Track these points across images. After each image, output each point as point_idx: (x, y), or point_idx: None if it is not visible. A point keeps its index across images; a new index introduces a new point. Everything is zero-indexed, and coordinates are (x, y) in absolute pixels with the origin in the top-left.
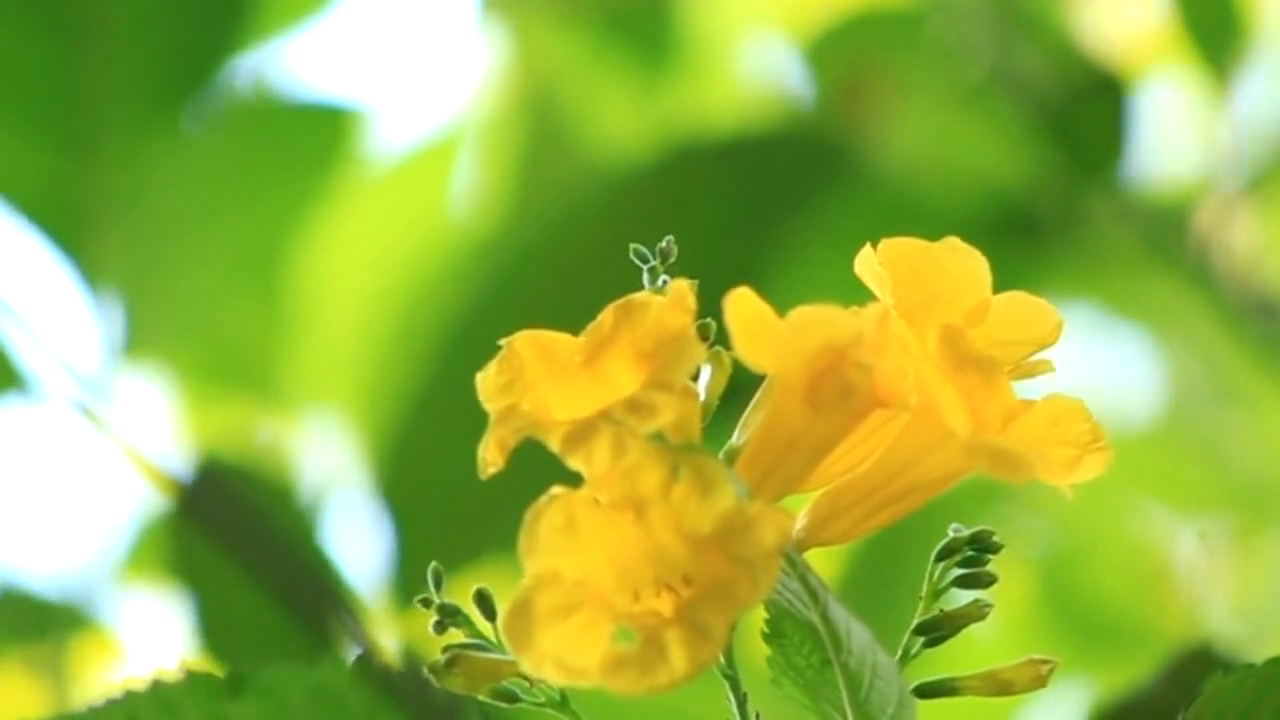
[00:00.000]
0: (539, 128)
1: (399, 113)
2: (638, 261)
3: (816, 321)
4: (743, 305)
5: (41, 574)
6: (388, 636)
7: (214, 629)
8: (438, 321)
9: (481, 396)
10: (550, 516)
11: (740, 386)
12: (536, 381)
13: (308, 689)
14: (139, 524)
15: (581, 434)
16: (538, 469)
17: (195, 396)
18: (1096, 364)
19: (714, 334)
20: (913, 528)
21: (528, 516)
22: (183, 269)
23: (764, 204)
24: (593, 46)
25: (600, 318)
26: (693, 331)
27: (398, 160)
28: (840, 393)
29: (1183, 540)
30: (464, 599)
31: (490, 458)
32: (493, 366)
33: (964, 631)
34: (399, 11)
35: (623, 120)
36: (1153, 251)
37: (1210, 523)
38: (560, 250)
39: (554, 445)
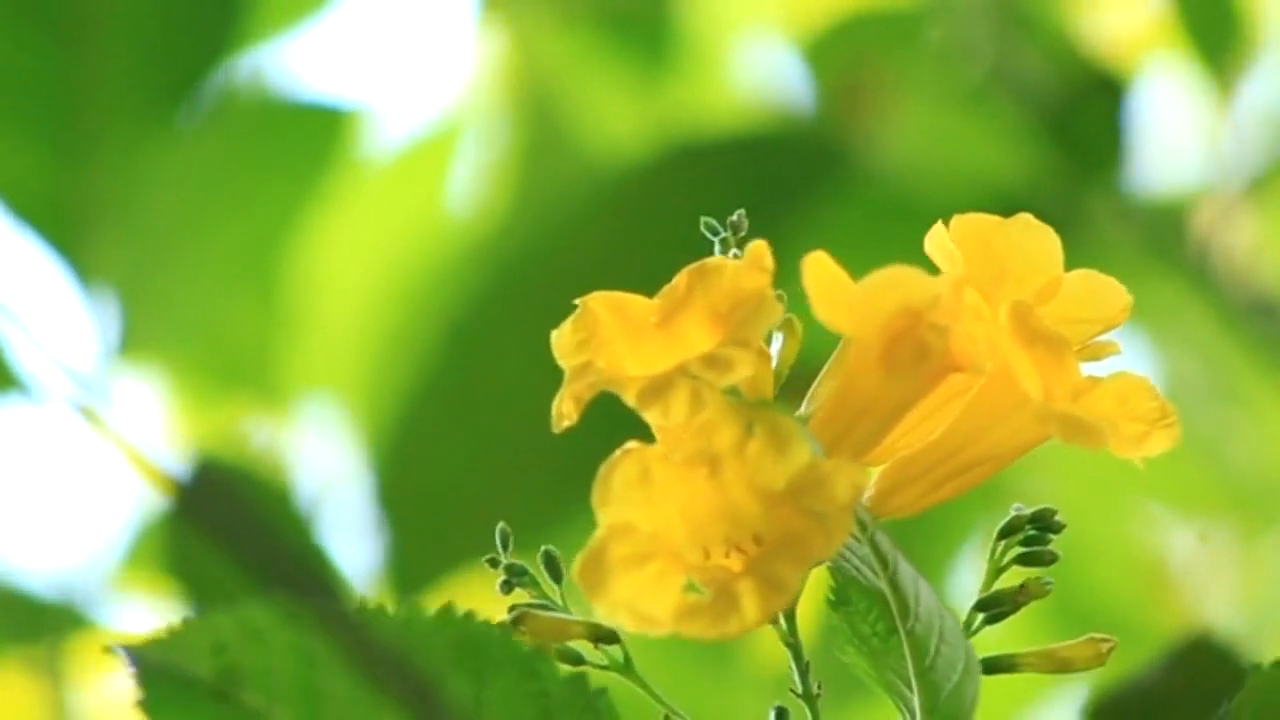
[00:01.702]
0: (537, 126)
1: (397, 111)
2: (708, 234)
3: (894, 283)
4: (819, 267)
5: (39, 574)
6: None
7: None
8: (435, 319)
9: (557, 353)
10: (624, 469)
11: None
12: (611, 340)
13: (392, 628)
14: (136, 524)
15: (658, 388)
16: (541, 465)
17: (192, 396)
18: (1096, 363)
19: (786, 303)
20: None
21: (602, 469)
22: (179, 269)
23: (763, 203)
24: (591, 45)
25: (675, 280)
26: (770, 291)
27: (395, 158)
28: (916, 354)
29: (1183, 540)
30: (461, 599)
31: (566, 411)
32: (568, 324)
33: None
34: (397, 10)
35: (621, 119)
36: (1153, 252)
37: (1210, 523)
38: (559, 248)
39: (630, 399)
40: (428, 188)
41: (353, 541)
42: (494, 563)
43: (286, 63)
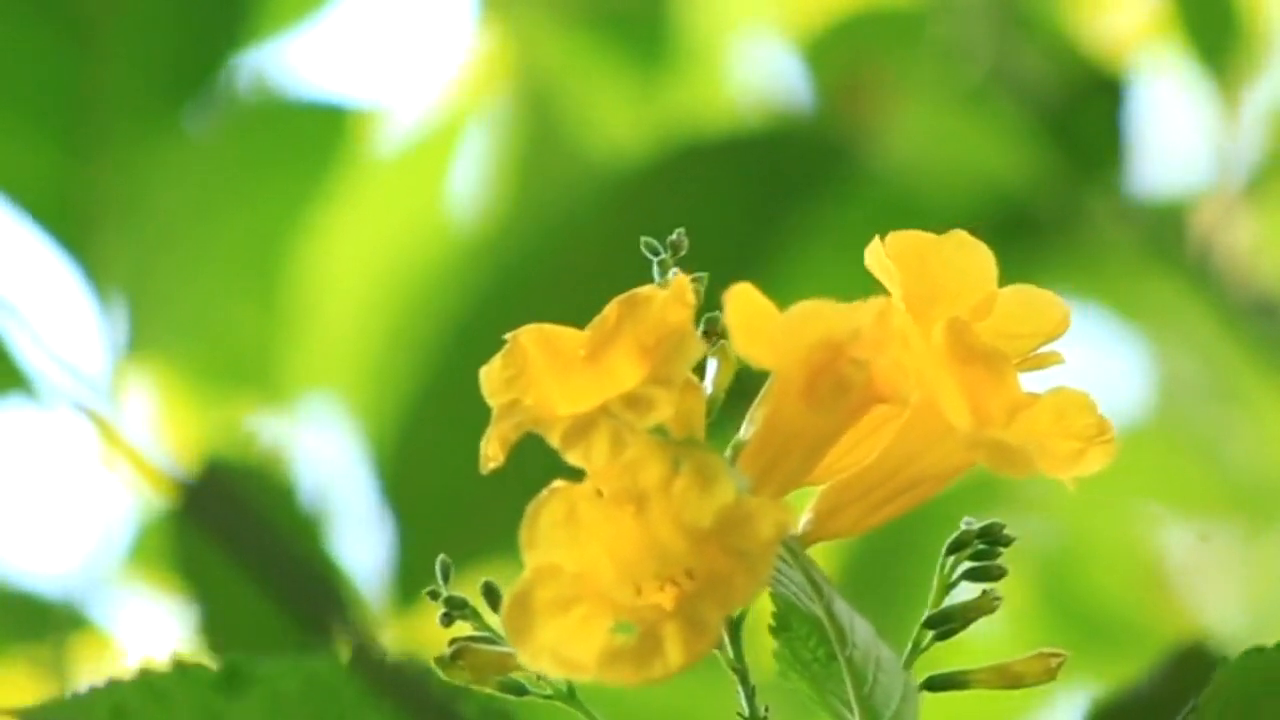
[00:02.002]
0: (536, 125)
1: (398, 110)
2: (648, 254)
3: (813, 317)
4: (742, 300)
5: (43, 574)
6: (389, 635)
7: (215, 629)
8: (437, 320)
9: (485, 391)
10: (551, 510)
11: (755, 383)
12: (541, 376)
13: (302, 680)
14: (141, 524)
15: (580, 429)
16: (542, 466)
17: (198, 396)
18: (1096, 363)
19: (721, 329)
20: (904, 527)
21: (529, 509)
22: (186, 269)
23: (764, 203)
24: (590, 44)
25: (605, 311)
26: (691, 326)
27: (396, 158)
28: (836, 389)
29: (1183, 540)
30: (467, 597)
31: (492, 453)
32: (497, 361)
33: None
34: (397, 9)
35: (620, 118)
36: (1153, 252)
37: (1210, 524)
38: (560, 248)
39: (554, 441)
40: (428, 187)
41: (358, 540)
42: (434, 595)
43: (290, 62)
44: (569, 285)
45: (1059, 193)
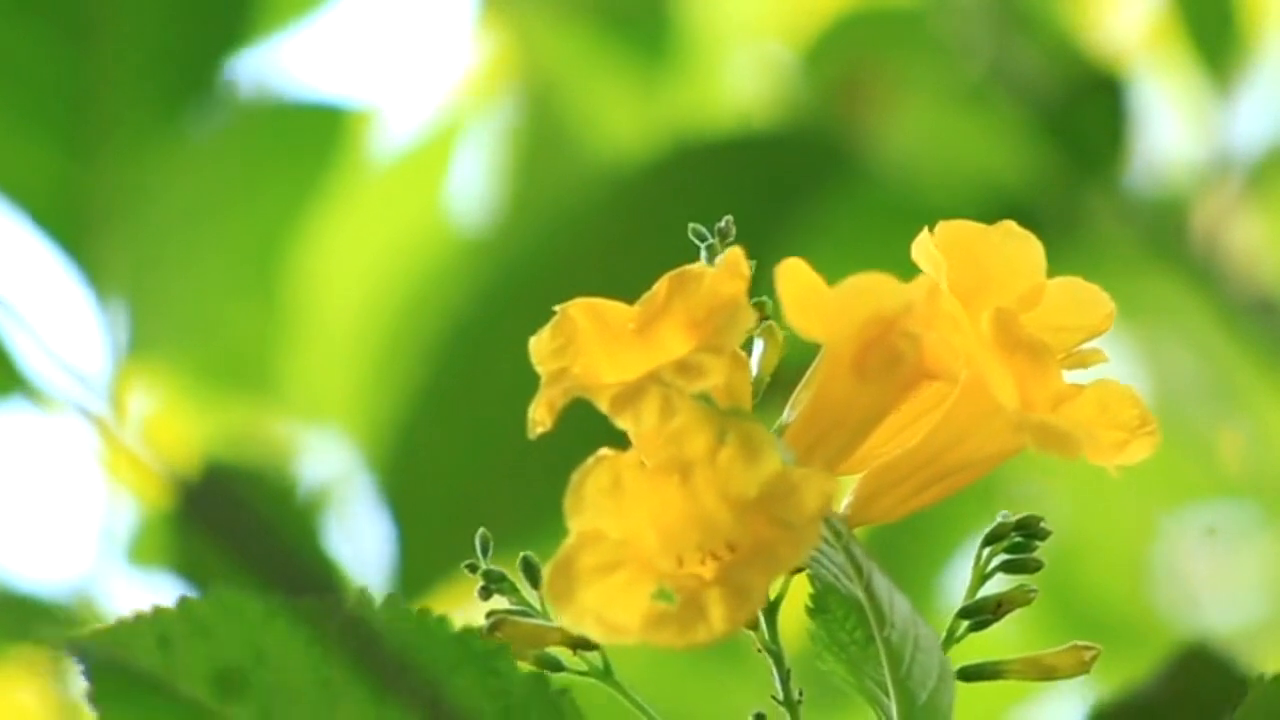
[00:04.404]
0: (537, 126)
1: (398, 111)
2: (695, 240)
3: (867, 291)
4: (794, 274)
5: (43, 576)
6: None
7: None
8: (439, 320)
9: (534, 359)
10: (596, 476)
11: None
12: (589, 347)
13: (345, 620)
14: (141, 526)
15: (630, 395)
16: (543, 468)
17: (198, 398)
18: (1084, 370)
19: (770, 310)
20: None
21: (574, 477)
22: (186, 270)
23: (764, 203)
24: (590, 44)
25: (655, 287)
26: (745, 298)
27: (396, 159)
28: (888, 362)
29: (1183, 538)
30: (466, 599)
31: (539, 418)
32: (546, 331)
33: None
34: (397, 9)
35: (621, 119)
36: (1153, 250)
37: (1211, 521)
38: (561, 248)
39: (603, 406)
40: (429, 188)
41: (358, 543)
42: (473, 568)
43: (288, 62)
44: (571, 284)
45: (1059, 191)
